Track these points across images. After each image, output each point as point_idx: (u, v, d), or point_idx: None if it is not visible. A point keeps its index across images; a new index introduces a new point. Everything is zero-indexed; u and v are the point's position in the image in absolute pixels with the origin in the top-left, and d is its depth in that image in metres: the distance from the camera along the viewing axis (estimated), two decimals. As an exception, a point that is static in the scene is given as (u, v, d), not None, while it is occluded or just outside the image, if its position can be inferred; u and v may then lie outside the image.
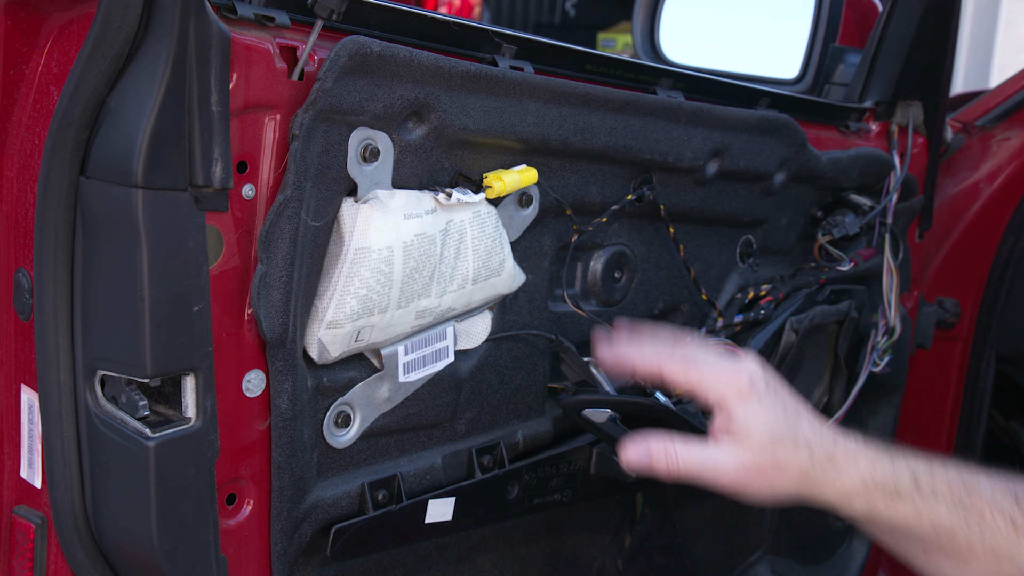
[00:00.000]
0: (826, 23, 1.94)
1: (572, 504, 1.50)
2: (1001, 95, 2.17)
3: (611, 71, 1.39)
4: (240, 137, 1.03)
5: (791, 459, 1.18)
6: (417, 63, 1.11)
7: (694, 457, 1.20)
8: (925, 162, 1.91)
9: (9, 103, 1.04)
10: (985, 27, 6.85)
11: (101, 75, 0.93)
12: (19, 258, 1.05)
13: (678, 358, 1.22)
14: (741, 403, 1.18)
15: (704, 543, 1.87)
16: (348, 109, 1.07)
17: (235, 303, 1.07)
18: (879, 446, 1.21)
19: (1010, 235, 2.13)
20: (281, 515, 1.14)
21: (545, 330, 1.40)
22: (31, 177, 1.02)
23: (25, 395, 1.07)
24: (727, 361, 1.21)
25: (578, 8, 8.79)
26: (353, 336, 1.15)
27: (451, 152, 1.21)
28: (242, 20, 1.03)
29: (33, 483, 1.08)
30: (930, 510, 1.18)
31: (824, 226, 1.73)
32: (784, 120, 1.56)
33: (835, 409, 1.77)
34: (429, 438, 1.30)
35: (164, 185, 0.94)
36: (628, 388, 1.51)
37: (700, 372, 1.20)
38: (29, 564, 1.09)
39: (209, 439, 1.03)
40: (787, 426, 1.18)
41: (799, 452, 1.18)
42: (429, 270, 1.19)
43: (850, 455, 1.19)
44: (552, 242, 1.38)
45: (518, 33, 1.27)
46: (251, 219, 1.06)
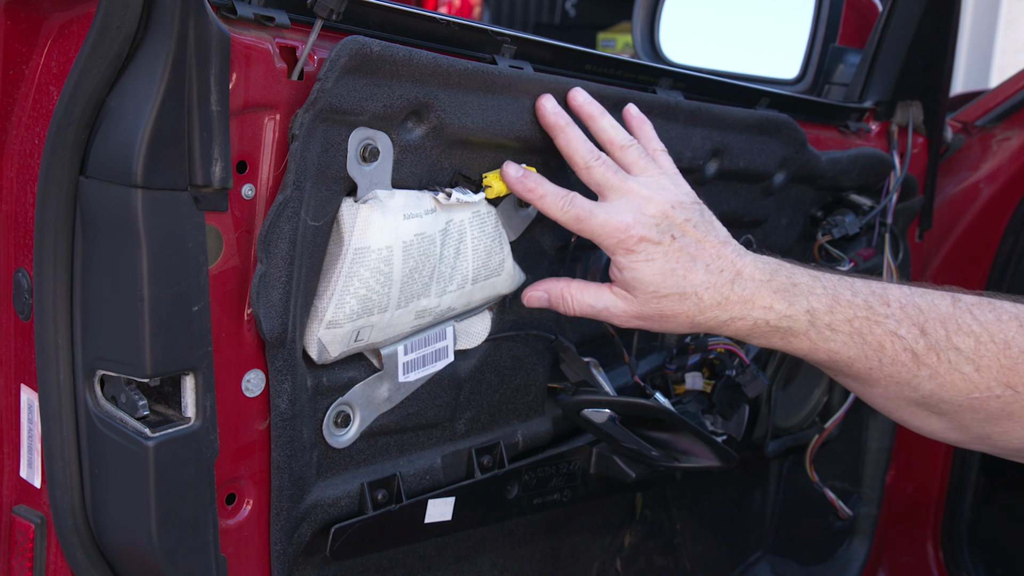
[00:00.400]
0: (826, 23, 1.94)
1: (572, 504, 1.50)
2: (1001, 95, 2.17)
3: (611, 71, 1.39)
4: (240, 137, 1.03)
5: (676, 308, 1.22)
6: (416, 63, 1.11)
7: (588, 300, 1.26)
8: (925, 162, 1.91)
9: (9, 103, 1.04)
10: (985, 27, 6.85)
11: (101, 75, 0.93)
12: (19, 258, 1.05)
13: (574, 208, 1.22)
14: (626, 258, 1.21)
15: (704, 543, 1.87)
16: (348, 109, 1.07)
17: (235, 303, 1.07)
18: (783, 281, 1.23)
19: (1010, 235, 2.13)
20: (281, 515, 1.14)
21: (545, 330, 1.40)
22: (31, 177, 1.02)
23: (25, 395, 1.07)
24: (621, 214, 1.21)
25: (578, 8, 8.79)
26: (353, 336, 1.15)
27: (451, 152, 1.21)
28: (242, 20, 1.03)
29: (33, 483, 1.08)
30: (826, 344, 1.23)
31: (824, 226, 1.73)
32: (784, 120, 1.56)
33: (835, 409, 1.77)
34: (429, 438, 1.30)
35: (164, 185, 0.95)
36: (628, 389, 1.51)
37: (592, 225, 1.21)
38: (29, 564, 1.09)
39: (208, 439, 1.03)
40: (674, 279, 1.21)
41: (685, 302, 1.22)
42: (429, 270, 1.19)
43: (745, 299, 1.22)
44: (552, 242, 1.38)
45: (518, 33, 1.27)
46: (251, 219, 1.06)
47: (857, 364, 1.23)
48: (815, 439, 1.76)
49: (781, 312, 1.22)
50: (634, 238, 1.20)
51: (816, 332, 1.22)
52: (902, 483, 2.21)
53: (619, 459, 1.47)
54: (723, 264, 1.23)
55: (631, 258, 1.20)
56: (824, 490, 1.77)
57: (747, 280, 1.23)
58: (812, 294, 1.23)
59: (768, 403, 1.63)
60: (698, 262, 1.22)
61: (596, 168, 1.24)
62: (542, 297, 1.29)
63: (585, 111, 1.28)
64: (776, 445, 1.69)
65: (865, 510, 2.10)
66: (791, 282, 1.24)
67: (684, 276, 1.21)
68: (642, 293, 1.22)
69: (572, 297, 1.27)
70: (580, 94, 1.28)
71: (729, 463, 1.47)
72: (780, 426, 1.70)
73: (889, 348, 1.21)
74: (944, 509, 2.23)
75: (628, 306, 1.23)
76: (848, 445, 2.05)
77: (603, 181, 1.24)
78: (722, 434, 1.53)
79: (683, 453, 1.45)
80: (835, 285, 1.24)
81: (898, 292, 1.24)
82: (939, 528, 2.24)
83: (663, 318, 1.23)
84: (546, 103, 1.25)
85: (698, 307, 1.22)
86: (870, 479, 2.09)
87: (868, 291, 1.24)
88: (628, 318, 1.25)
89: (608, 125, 1.28)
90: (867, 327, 1.22)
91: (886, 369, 1.22)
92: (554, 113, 1.25)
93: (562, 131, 1.25)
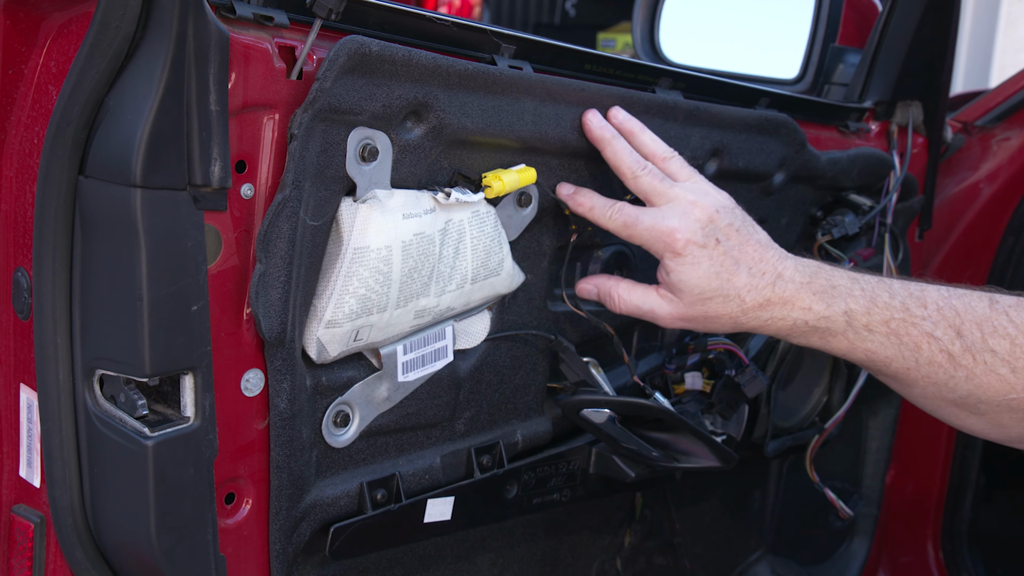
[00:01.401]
0: (826, 23, 1.94)
1: (571, 504, 1.50)
2: (1001, 95, 2.17)
3: (611, 71, 1.39)
4: (239, 137, 1.03)
5: (720, 310, 1.27)
6: (416, 63, 1.11)
7: (635, 301, 1.32)
8: (925, 162, 1.91)
9: (8, 103, 1.04)
10: (985, 27, 6.85)
11: (100, 75, 0.93)
12: (18, 257, 1.05)
13: (622, 215, 1.28)
14: (674, 262, 1.26)
15: (704, 543, 1.87)
16: (347, 109, 1.07)
17: (234, 303, 1.07)
18: (822, 283, 1.28)
19: (1010, 235, 2.13)
20: (280, 514, 1.14)
21: (544, 330, 1.40)
22: (30, 177, 1.02)
23: (24, 394, 1.07)
24: (668, 219, 1.26)
25: (578, 8, 8.79)
26: (352, 335, 1.15)
27: (450, 152, 1.21)
28: (241, 20, 1.03)
29: (32, 482, 1.08)
30: (863, 343, 1.27)
31: (824, 226, 1.72)
32: (783, 120, 1.56)
33: (835, 409, 1.77)
34: (428, 438, 1.30)
35: (163, 184, 0.95)
36: (628, 389, 1.51)
37: (640, 230, 1.27)
38: (28, 563, 1.09)
39: (208, 438, 1.03)
40: (719, 282, 1.26)
41: (728, 304, 1.27)
42: (428, 270, 1.19)
43: (785, 300, 1.27)
44: (551, 242, 1.38)
45: (517, 33, 1.27)
46: (250, 218, 1.06)
47: (895, 364, 1.27)
48: (815, 439, 1.76)
49: (820, 313, 1.26)
50: (680, 241, 1.25)
51: (853, 332, 1.26)
52: (902, 483, 2.21)
53: (619, 459, 1.47)
54: (764, 267, 1.27)
55: (678, 261, 1.25)
56: (824, 490, 1.77)
57: (787, 282, 1.27)
58: (850, 296, 1.27)
59: (768, 403, 1.63)
60: (741, 265, 1.26)
61: (643, 176, 1.29)
62: (592, 291, 1.37)
63: (626, 127, 1.33)
64: (776, 445, 1.69)
65: (865, 510, 2.10)
66: (830, 284, 1.28)
67: (728, 279, 1.26)
68: (688, 295, 1.27)
69: (620, 296, 1.33)
70: (620, 112, 1.34)
71: (729, 463, 1.47)
72: (780, 426, 1.70)
73: (925, 349, 1.24)
74: (944, 509, 2.23)
75: (673, 308, 1.29)
76: (848, 445, 2.05)
77: (650, 188, 1.28)
78: (722, 434, 1.53)
79: (683, 453, 1.45)
80: (873, 287, 1.28)
81: (936, 294, 1.27)
82: (939, 528, 2.24)
83: (707, 319, 1.28)
84: (592, 118, 1.31)
85: (741, 308, 1.27)
86: (870, 479, 2.09)
87: (906, 293, 1.27)
88: (673, 319, 1.30)
89: (649, 139, 1.33)
90: (903, 328, 1.25)
91: (923, 370, 1.26)
92: (600, 127, 1.31)
93: (609, 144, 1.30)
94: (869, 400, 1.99)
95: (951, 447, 2.20)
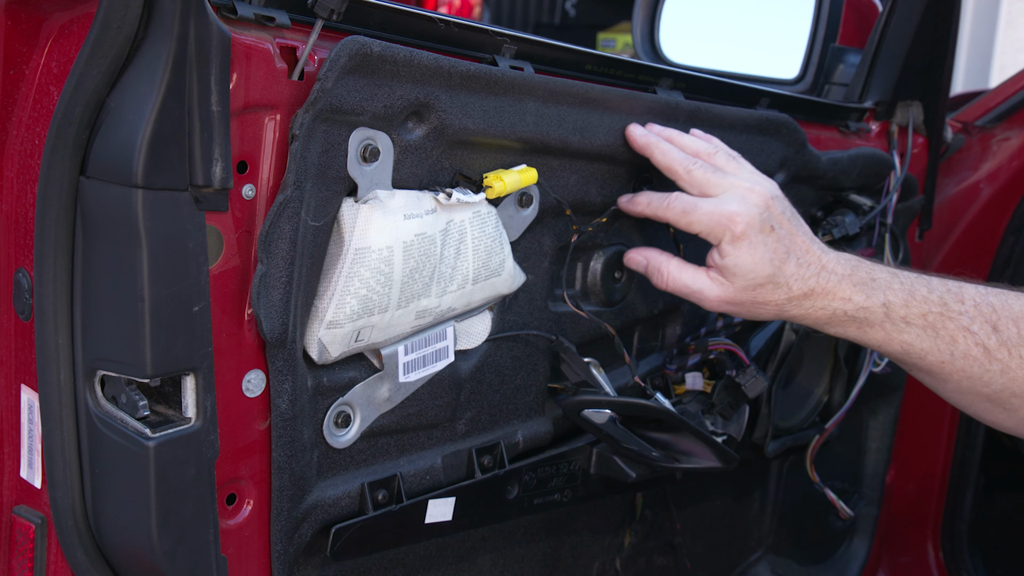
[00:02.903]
0: (826, 23, 1.94)
1: (572, 504, 1.50)
2: (1001, 95, 2.17)
3: (611, 71, 1.39)
4: (240, 137, 1.03)
5: (768, 296, 1.30)
6: (417, 63, 1.11)
7: (684, 279, 1.33)
8: (925, 162, 1.91)
9: (9, 103, 1.04)
10: (985, 27, 6.85)
11: (101, 75, 0.93)
12: (19, 258, 1.05)
13: (680, 202, 1.31)
14: (732, 246, 1.28)
15: (704, 543, 1.87)
16: (348, 109, 1.07)
17: (235, 303, 1.07)
18: (863, 276, 1.31)
19: (1010, 235, 2.13)
20: (281, 515, 1.14)
21: (545, 330, 1.40)
22: (31, 177, 1.02)
23: (25, 395, 1.07)
24: (728, 203, 1.28)
25: (578, 8, 8.78)
26: (353, 336, 1.15)
27: (451, 152, 1.21)
28: (242, 20, 1.03)
29: (33, 483, 1.08)
30: (900, 335, 1.31)
31: (824, 226, 1.72)
32: (783, 120, 1.56)
33: (835, 409, 1.77)
34: (429, 438, 1.30)
35: (164, 185, 0.94)
36: (628, 389, 1.51)
37: (700, 217, 1.29)
38: (29, 564, 1.09)
39: (209, 439, 1.03)
40: (771, 269, 1.29)
41: (777, 291, 1.30)
42: (429, 270, 1.19)
43: (827, 291, 1.30)
44: (552, 242, 1.38)
45: (518, 33, 1.27)
46: (251, 219, 1.06)
47: (930, 357, 1.30)
48: (815, 439, 1.76)
49: (859, 304, 1.30)
50: (740, 225, 1.27)
51: (891, 324, 1.30)
52: (902, 483, 2.21)
53: (619, 459, 1.47)
54: (810, 259, 1.31)
55: (736, 244, 1.28)
56: (824, 490, 1.77)
57: (830, 273, 1.31)
58: (889, 288, 1.30)
59: (768, 403, 1.63)
60: (791, 254, 1.30)
61: (696, 170, 1.31)
62: (641, 262, 1.38)
63: (665, 134, 1.37)
64: (776, 445, 1.69)
65: (865, 510, 2.10)
66: (870, 277, 1.31)
67: (779, 266, 1.29)
68: (740, 279, 1.29)
69: (669, 273, 1.34)
70: (655, 127, 1.38)
71: (729, 464, 1.47)
72: (780, 426, 1.70)
73: (961, 343, 1.28)
74: (944, 509, 2.23)
75: (723, 291, 1.31)
76: (848, 445, 2.05)
77: (704, 180, 1.31)
78: (722, 434, 1.53)
79: (683, 454, 1.45)
80: (912, 282, 1.31)
81: (973, 291, 1.30)
82: (939, 528, 2.24)
83: (754, 304, 1.31)
84: (634, 129, 1.35)
85: (787, 296, 1.30)
86: (870, 479, 2.09)
87: (944, 288, 1.30)
88: (720, 302, 1.32)
89: (690, 140, 1.37)
90: (940, 322, 1.28)
91: (958, 363, 1.29)
92: (643, 135, 1.35)
93: (656, 147, 1.34)
94: (869, 400, 1.99)
95: (951, 447, 2.20)
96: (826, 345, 1.74)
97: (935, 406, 2.17)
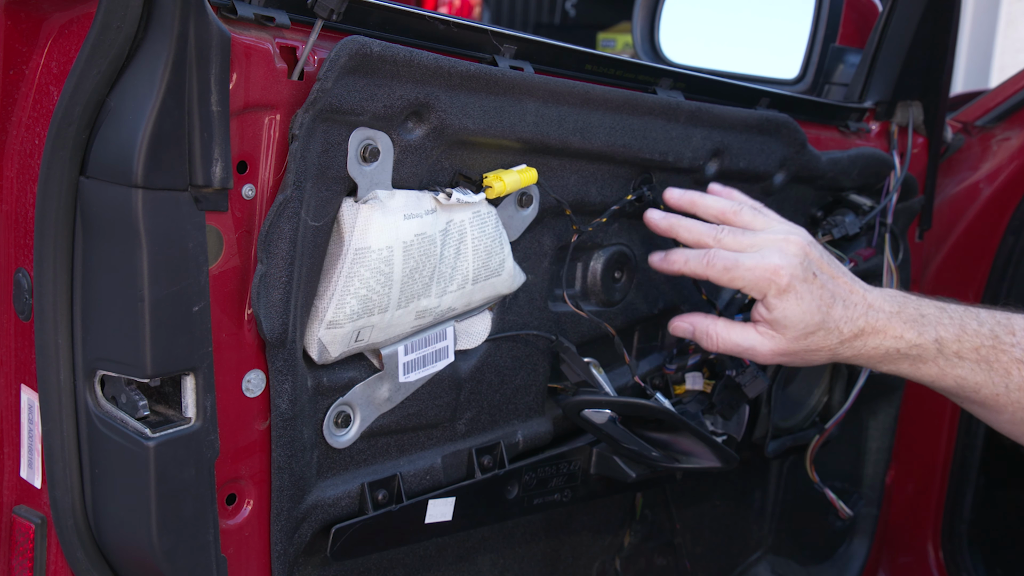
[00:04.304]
0: (826, 23, 1.94)
1: (572, 504, 1.50)
2: (1001, 95, 2.17)
3: (611, 71, 1.39)
4: (240, 137, 1.03)
5: (821, 343, 1.30)
6: (417, 63, 1.11)
7: (734, 339, 1.33)
8: (925, 162, 1.91)
9: (9, 103, 1.04)
10: (985, 27, 6.85)
11: (101, 75, 0.93)
12: (19, 258, 1.05)
13: (721, 260, 1.30)
14: (779, 299, 1.28)
15: (704, 543, 1.87)
16: (348, 109, 1.07)
17: (235, 303, 1.07)
18: (912, 312, 1.31)
19: (1010, 235, 2.13)
20: (281, 515, 1.14)
21: (545, 330, 1.40)
22: (31, 177, 1.02)
23: (25, 395, 1.07)
24: (769, 257, 1.28)
25: (578, 8, 8.79)
26: (353, 336, 1.15)
27: (451, 152, 1.21)
28: (242, 20, 1.03)
29: (33, 483, 1.08)
30: (953, 370, 1.31)
31: (824, 226, 1.72)
32: (783, 120, 1.56)
33: (835, 409, 1.77)
34: (429, 438, 1.30)
35: (164, 185, 0.95)
36: (628, 389, 1.51)
37: (742, 273, 1.29)
38: (29, 564, 1.09)
39: (209, 439, 1.03)
40: (820, 315, 1.29)
41: (829, 337, 1.30)
42: (429, 270, 1.19)
43: (878, 330, 1.30)
44: (552, 242, 1.38)
45: (518, 33, 1.27)
46: (251, 219, 1.06)
47: (984, 390, 1.30)
48: (815, 439, 1.76)
49: (911, 341, 1.30)
50: (785, 278, 1.27)
51: (944, 360, 1.30)
52: (902, 483, 2.21)
53: (619, 459, 1.47)
54: (856, 299, 1.31)
55: (783, 298, 1.27)
56: (824, 490, 1.77)
57: (878, 312, 1.31)
58: (940, 324, 1.31)
59: (768, 403, 1.63)
60: (837, 298, 1.30)
61: (725, 238, 1.32)
62: (688, 329, 1.38)
63: (685, 200, 1.38)
64: (776, 445, 1.69)
65: (865, 510, 2.10)
66: (919, 313, 1.31)
67: (827, 312, 1.29)
68: (791, 331, 1.29)
69: (718, 335, 1.34)
70: (674, 191, 1.39)
71: (729, 464, 1.47)
72: (780, 426, 1.70)
73: (1016, 375, 1.28)
74: (944, 509, 2.23)
75: (775, 344, 1.31)
76: (848, 445, 2.05)
77: (736, 245, 1.31)
78: (722, 434, 1.53)
79: (683, 454, 1.45)
80: (961, 315, 1.32)
81: (1022, 322, 1.30)
82: (939, 528, 2.24)
83: (808, 352, 1.31)
84: (653, 214, 1.37)
85: (839, 339, 1.30)
86: (870, 479, 2.09)
87: (993, 321, 1.30)
88: (773, 356, 1.32)
89: (712, 202, 1.37)
90: (993, 355, 1.29)
91: (1012, 395, 1.29)
92: (664, 218, 1.36)
93: (679, 227, 1.35)
94: (869, 400, 1.99)
95: (951, 448, 2.20)
96: (826, 345, 1.74)
97: (935, 406, 2.17)
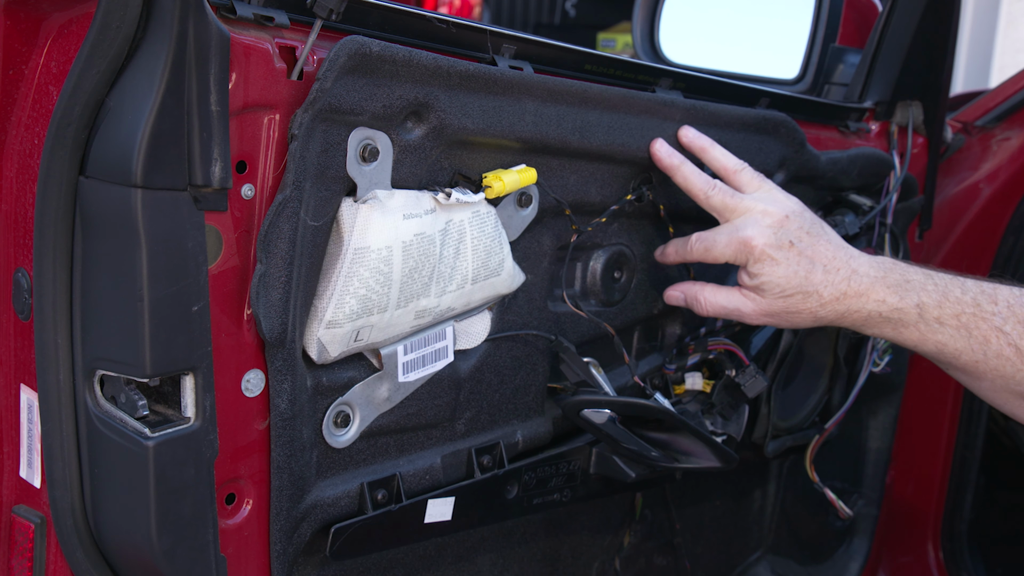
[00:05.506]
0: (826, 23, 1.94)
1: (572, 504, 1.50)
2: (1001, 95, 2.17)
3: (610, 71, 1.39)
4: (239, 137, 1.03)
5: (801, 305, 1.37)
6: (416, 63, 1.11)
7: (720, 301, 1.41)
8: (925, 162, 1.91)
9: (8, 103, 1.04)
10: (985, 27, 6.85)
11: (100, 75, 0.93)
12: (18, 258, 1.05)
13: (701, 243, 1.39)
14: (755, 266, 1.36)
15: (704, 543, 1.87)
16: (347, 109, 1.07)
17: (234, 303, 1.07)
18: (897, 278, 1.36)
19: (1010, 235, 2.13)
20: (280, 515, 1.14)
21: (544, 330, 1.40)
22: (30, 177, 1.02)
23: (24, 395, 1.07)
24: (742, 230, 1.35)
25: (578, 8, 8.78)
26: (352, 336, 1.15)
27: (450, 152, 1.21)
28: (241, 20, 1.03)
29: (32, 483, 1.08)
30: (934, 335, 1.36)
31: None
32: (782, 119, 1.56)
33: (835, 409, 1.77)
34: (428, 438, 1.30)
35: (163, 185, 0.95)
36: (628, 389, 1.51)
37: (721, 250, 1.37)
38: (28, 564, 1.09)
39: (208, 439, 1.03)
40: (798, 280, 1.36)
41: (809, 299, 1.36)
42: (428, 270, 1.19)
43: (860, 293, 1.36)
44: (551, 242, 1.38)
45: (517, 33, 1.27)
46: (250, 219, 1.06)
47: (964, 357, 1.35)
48: (815, 439, 1.76)
49: (893, 305, 1.35)
50: (757, 248, 1.35)
51: (925, 324, 1.35)
52: (902, 483, 2.21)
53: (619, 459, 1.47)
54: (838, 264, 1.37)
55: (759, 266, 1.35)
56: (824, 490, 1.77)
57: (862, 277, 1.36)
58: (923, 290, 1.35)
59: (768, 403, 1.63)
60: (816, 264, 1.36)
61: (714, 195, 1.38)
62: (679, 297, 1.46)
63: (696, 145, 1.43)
64: (776, 445, 1.69)
65: (865, 510, 2.10)
66: (904, 279, 1.37)
67: (806, 277, 1.35)
68: (770, 293, 1.37)
69: (706, 299, 1.42)
70: (689, 130, 1.43)
71: (729, 464, 1.47)
72: (780, 426, 1.70)
73: (994, 343, 1.32)
74: (944, 509, 2.23)
75: (757, 305, 1.39)
76: (848, 445, 2.05)
77: (721, 205, 1.38)
78: (722, 434, 1.53)
79: (683, 453, 1.45)
80: (946, 283, 1.36)
81: (1007, 292, 1.35)
82: (939, 528, 2.24)
83: (789, 314, 1.38)
84: (659, 147, 1.40)
85: (819, 302, 1.36)
86: (870, 479, 2.09)
87: (978, 290, 1.34)
88: (757, 316, 1.40)
89: (720, 154, 1.42)
90: (974, 322, 1.33)
91: (991, 363, 1.33)
92: (668, 155, 1.40)
93: (678, 170, 1.40)
94: (869, 400, 1.99)
95: (951, 447, 2.20)
96: (826, 345, 1.74)
97: (935, 406, 2.17)
